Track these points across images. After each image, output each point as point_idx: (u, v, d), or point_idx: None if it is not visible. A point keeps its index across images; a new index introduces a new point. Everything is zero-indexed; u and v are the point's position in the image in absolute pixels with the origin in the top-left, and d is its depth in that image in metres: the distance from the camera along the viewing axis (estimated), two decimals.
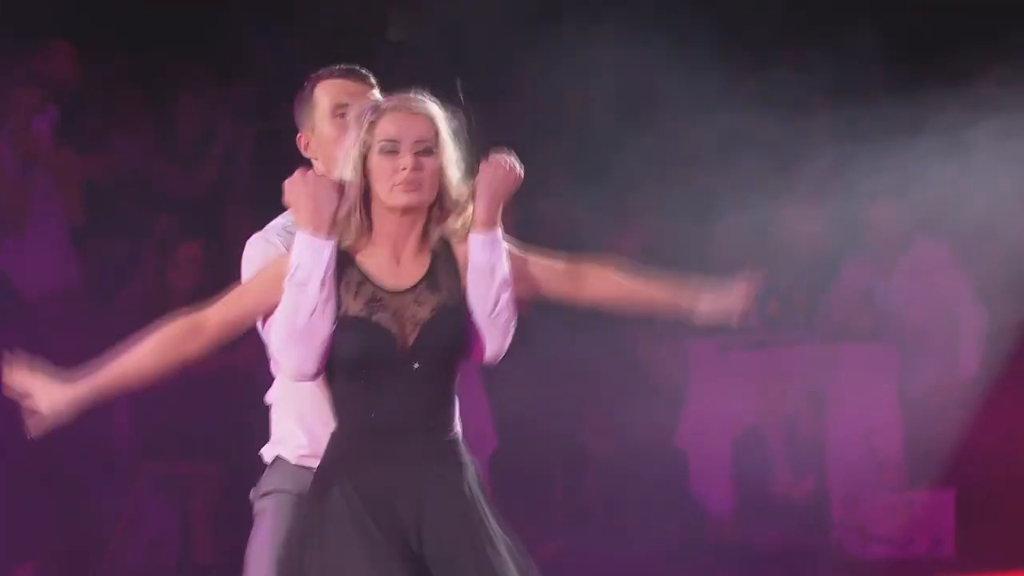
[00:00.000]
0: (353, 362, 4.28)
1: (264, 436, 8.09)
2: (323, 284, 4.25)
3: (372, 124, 4.32)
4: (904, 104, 8.93)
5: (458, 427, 4.40)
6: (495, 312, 4.34)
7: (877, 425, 9.42)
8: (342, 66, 4.77)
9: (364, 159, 4.31)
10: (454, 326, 4.31)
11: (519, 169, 4.41)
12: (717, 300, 4.43)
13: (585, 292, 4.47)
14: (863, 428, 9.40)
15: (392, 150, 4.28)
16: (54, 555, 8.45)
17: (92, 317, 9.09)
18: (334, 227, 4.29)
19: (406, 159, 4.26)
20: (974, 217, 9.00)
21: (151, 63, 10.47)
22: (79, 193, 9.46)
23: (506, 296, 4.34)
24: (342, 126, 4.57)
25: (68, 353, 8.53)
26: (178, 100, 10.32)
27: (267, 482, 4.68)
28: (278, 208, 9.44)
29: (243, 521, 8.49)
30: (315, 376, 4.31)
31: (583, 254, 4.48)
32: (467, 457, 4.37)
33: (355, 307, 4.27)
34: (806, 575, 8.80)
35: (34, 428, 4.34)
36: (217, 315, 4.33)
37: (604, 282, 4.49)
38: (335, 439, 4.35)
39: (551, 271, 4.45)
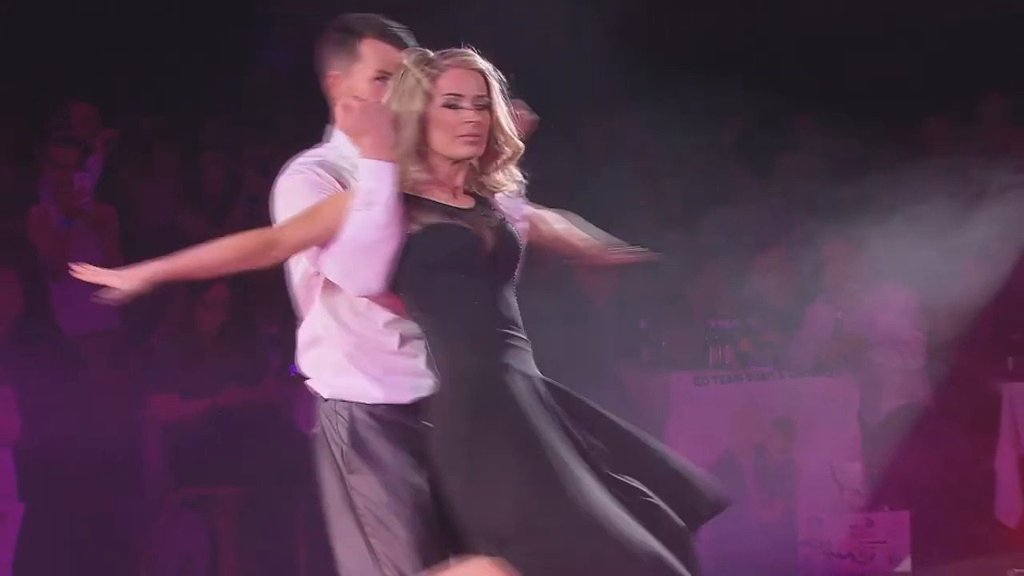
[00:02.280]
0: (444, 262, 4.24)
1: (285, 464, 8.15)
2: (387, 204, 4.18)
3: (433, 78, 4.25)
4: (876, 183, 8.82)
5: None
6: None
7: (840, 452, 9.33)
8: (395, 28, 4.52)
9: (425, 109, 4.25)
10: (517, 238, 4.33)
11: (531, 114, 4.45)
12: (615, 256, 4.67)
13: (542, 233, 4.54)
14: (827, 455, 9.32)
15: (455, 104, 4.23)
16: (91, 571, 8.27)
17: (128, 354, 9.18)
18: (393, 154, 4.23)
19: (469, 113, 4.23)
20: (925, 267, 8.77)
21: (179, 125, 10.43)
22: (116, 242, 9.37)
23: (523, 236, 4.40)
24: (380, 90, 4.41)
25: (105, 386, 8.70)
26: (203, 157, 10.30)
27: (351, 432, 4.44)
28: None
29: (267, 540, 8.53)
30: (379, 291, 4.24)
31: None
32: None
33: (432, 219, 4.23)
34: None
35: (109, 298, 4.22)
36: (289, 234, 4.27)
37: (552, 224, 4.57)
38: (447, 358, 4.27)
39: (537, 217, 4.52)
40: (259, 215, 10.21)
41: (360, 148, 4.27)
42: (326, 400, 4.45)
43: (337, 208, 4.22)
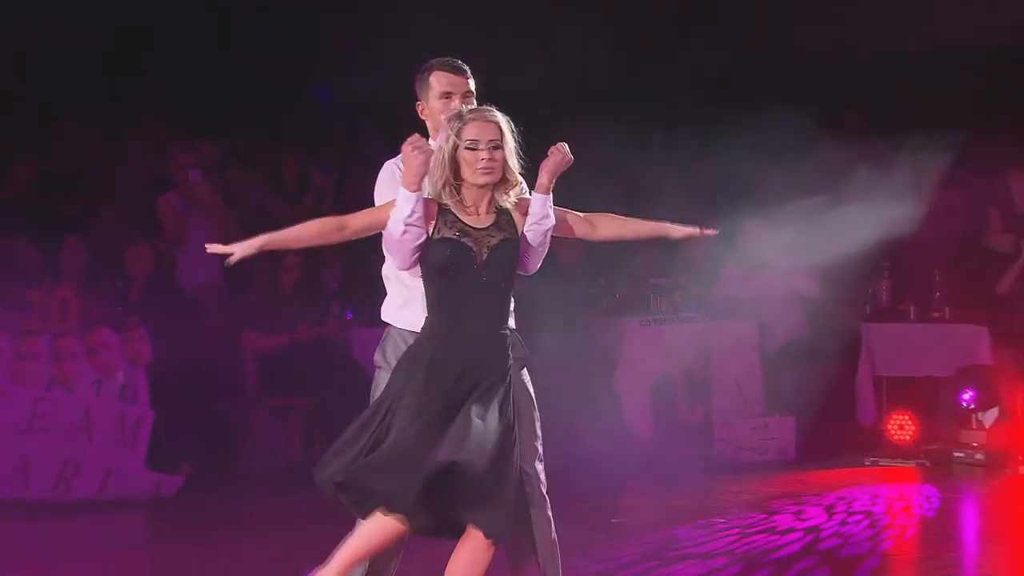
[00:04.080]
0: (444, 266, 4.39)
1: (342, 382, 8.43)
2: (408, 219, 4.36)
3: (459, 129, 4.40)
4: (778, 179, 8.81)
5: (511, 324, 4.50)
6: (541, 244, 4.52)
7: (744, 373, 9.54)
8: (450, 61, 4.66)
9: (454, 151, 4.40)
10: (511, 252, 4.43)
11: (570, 156, 4.49)
12: (681, 231, 4.64)
13: (599, 232, 4.60)
14: (735, 375, 9.54)
15: (474, 147, 4.39)
16: (204, 459, 8.44)
17: (229, 303, 9.39)
18: (420, 186, 4.37)
19: (484, 153, 4.38)
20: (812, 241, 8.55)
21: (266, 140, 10.54)
22: (222, 221, 9.54)
23: (548, 236, 4.51)
24: (446, 106, 4.61)
25: (214, 329, 9.10)
26: (284, 161, 10.42)
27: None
28: None
29: (328, 437, 8.70)
30: (406, 269, 4.46)
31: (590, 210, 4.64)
32: (513, 350, 4.41)
33: (447, 233, 4.40)
34: (699, 473, 8.70)
35: (228, 262, 4.48)
36: (354, 221, 4.45)
37: (610, 222, 4.62)
38: (429, 322, 4.43)
39: (576, 220, 4.57)
40: (324, 202, 10.76)
41: (401, 177, 4.47)
42: (386, 325, 4.69)
43: (388, 210, 4.44)
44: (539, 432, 4.62)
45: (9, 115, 9.76)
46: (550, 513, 4.63)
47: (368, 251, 9.15)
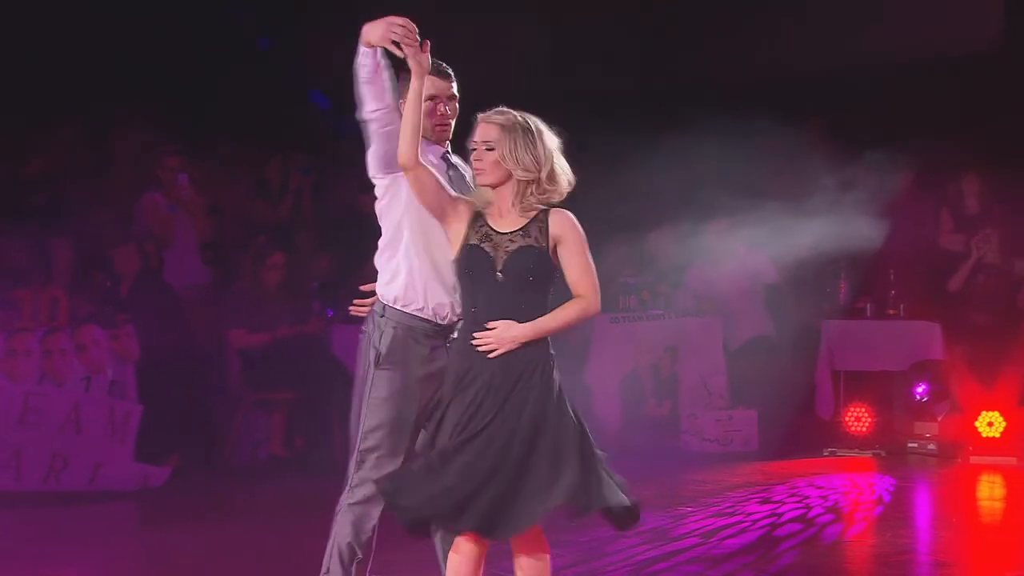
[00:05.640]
0: (464, 271, 4.34)
1: (323, 378, 8.42)
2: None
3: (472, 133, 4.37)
4: (743, 185, 8.83)
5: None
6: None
7: (709, 368, 9.57)
8: (435, 64, 4.46)
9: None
10: (531, 258, 4.28)
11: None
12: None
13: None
14: (701, 370, 9.58)
15: (473, 149, 4.36)
16: (190, 452, 8.44)
17: (214, 300, 9.30)
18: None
19: (477, 155, 4.34)
20: (774, 242, 8.90)
21: (250, 146, 10.42)
22: (206, 222, 9.56)
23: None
24: (432, 109, 4.48)
25: (200, 326, 9.07)
26: (268, 164, 10.28)
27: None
28: (331, 227, 9.19)
29: (310, 430, 8.72)
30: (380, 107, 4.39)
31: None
32: (534, 350, 4.22)
33: (474, 237, 4.34)
34: (667, 464, 8.69)
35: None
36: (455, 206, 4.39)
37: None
38: (459, 329, 4.39)
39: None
40: (302, 203, 10.35)
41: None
42: (382, 314, 4.47)
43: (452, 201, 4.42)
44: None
45: None
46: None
47: (351, 250, 9.16)
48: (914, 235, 9.57)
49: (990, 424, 9.01)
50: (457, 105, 4.64)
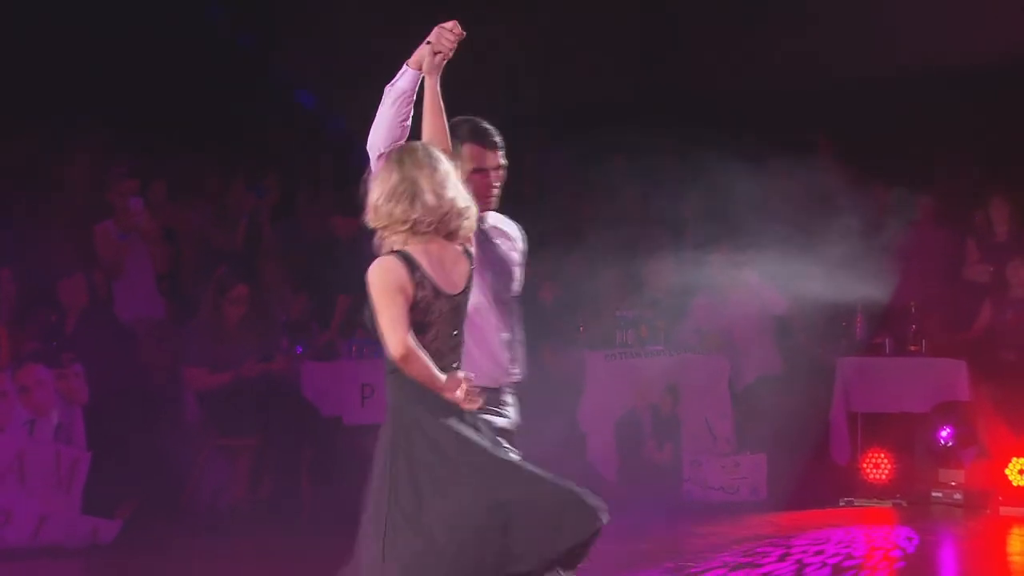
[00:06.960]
0: None
1: (291, 421, 8.35)
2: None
3: None
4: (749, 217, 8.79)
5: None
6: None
7: (714, 410, 9.46)
8: (483, 132, 4.39)
9: None
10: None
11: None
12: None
13: None
14: (704, 412, 9.44)
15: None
16: (144, 501, 8.16)
17: (170, 337, 9.10)
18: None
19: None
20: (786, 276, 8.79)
21: (208, 169, 10.41)
22: (163, 250, 9.42)
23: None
24: (482, 180, 4.35)
25: (153, 363, 8.84)
26: (228, 190, 10.23)
27: None
28: (299, 255, 9.08)
29: (276, 478, 8.60)
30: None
31: None
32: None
33: None
34: (667, 514, 8.65)
35: None
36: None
37: None
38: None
39: None
40: (258, 226, 10.21)
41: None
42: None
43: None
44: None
45: None
46: None
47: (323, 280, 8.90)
48: (936, 266, 9.58)
49: (1021, 472, 8.88)
50: (504, 173, 4.47)
